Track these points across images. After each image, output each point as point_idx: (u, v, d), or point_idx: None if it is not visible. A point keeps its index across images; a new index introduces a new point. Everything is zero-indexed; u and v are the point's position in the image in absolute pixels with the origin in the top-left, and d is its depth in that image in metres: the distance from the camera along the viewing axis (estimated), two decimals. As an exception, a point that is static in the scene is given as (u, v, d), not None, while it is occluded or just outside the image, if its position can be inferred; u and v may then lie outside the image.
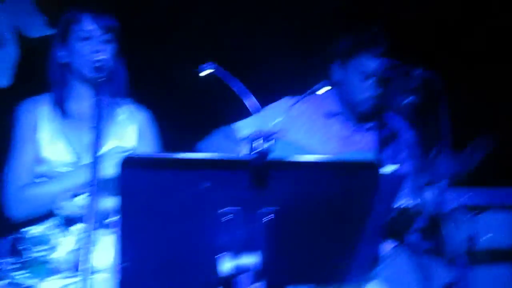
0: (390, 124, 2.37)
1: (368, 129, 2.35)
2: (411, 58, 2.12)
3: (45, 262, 1.99)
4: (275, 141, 1.36)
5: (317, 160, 1.38)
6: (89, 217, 1.56)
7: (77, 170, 1.95)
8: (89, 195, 1.60)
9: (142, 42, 2.14)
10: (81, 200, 1.91)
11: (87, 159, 1.97)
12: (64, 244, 1.99)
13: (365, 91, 2.24)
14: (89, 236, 1.54)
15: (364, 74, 2.22)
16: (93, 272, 1.92)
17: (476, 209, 2.28)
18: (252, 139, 1.29)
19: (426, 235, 2.42)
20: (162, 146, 2.13)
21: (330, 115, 2.33)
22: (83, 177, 1.86)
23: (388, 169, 1.39)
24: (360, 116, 2.32)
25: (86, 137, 1.99)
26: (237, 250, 1.37)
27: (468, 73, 3.07)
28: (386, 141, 2.34)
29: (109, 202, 1.92)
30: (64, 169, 1.99)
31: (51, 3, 2.13)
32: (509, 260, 2.63)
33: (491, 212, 2.60)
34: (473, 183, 2.14)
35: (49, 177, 2.00)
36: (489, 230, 2.63)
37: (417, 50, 2.37)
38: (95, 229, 1.61)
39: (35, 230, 2.01)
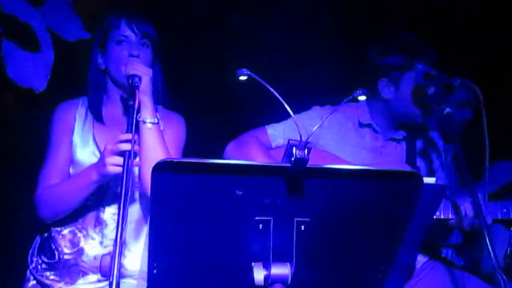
0: (423, 135, 2.28)
1: (400, 140, 2.25)
2: (450, 69, 2.04)
3: (74, 264, 1.95)
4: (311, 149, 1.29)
5: (357, 168, 1.31)
6: (120, 223, 1.51)
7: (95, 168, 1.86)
8: (120, 202, 1.54)
9: (175, 50, 2.11)
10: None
11: None
12: (93, 247, 1.95)
13: (415, 105, 2.15)
14: (119, 240, 1.48)
15: (416, 87, 2.13)
16: (122, 277, 1.89)
17: (514, 224, 2.16)
18: (290, 146, 1.22)
19: (462, 249, 2.33)
20: (194, 150, 2.07)
21: (362, 125, 2.25)
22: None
23: (430, 180, 1.31)
24: (399, 126, 2.22)
25: None
26: (269, 259, 1.31)
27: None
28: (418, 151, 2.25)
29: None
30: None
31: (88, 7, 2.11)
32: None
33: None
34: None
35: None
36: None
37: (457, 62, 2.27)
38: (124, 233, 1.56)
39: (65, 231, 1.98)
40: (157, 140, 1.87)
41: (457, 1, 2.97)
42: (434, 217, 1.93)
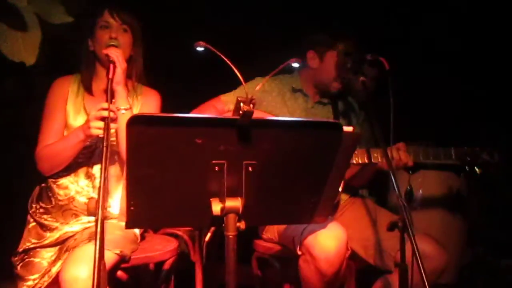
0: (344, 99, 2.31)
1: (326, 103, 2.28)
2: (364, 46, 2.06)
3: (68, 208, 1.90)
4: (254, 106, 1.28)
5: (292, 120, 1.31)
6: (104, 171, 1.47)
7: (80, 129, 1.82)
8: (103, 154, 1.50)
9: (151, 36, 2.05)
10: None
11: None
12: (83, 196, 1.91)
13: (336, 78, 2.16)
14: (103, 187, 1.45)
15: (338, 63, 2.14)
16: (106, 219, 1.86)
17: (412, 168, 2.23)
18: (238, 102, 1.20)
19: (374, 188, 2.40)
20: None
21: (295, 90, 2.25)
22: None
23: (348, 128, 1.33)
24: (324, 93, 2.24)
25: None
26: (224, 195, 1.30)
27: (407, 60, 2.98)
28: (340, 112, 2.28)
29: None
30: None
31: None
32: (437, 204, 2.64)
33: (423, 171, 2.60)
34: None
35: None
36: (422, 184, 2.64)
37: (368, 40, 2.27)
38: (107, 183, 1.51)
39: (60, 182, 1.93)
40: None
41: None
42: (360, 162, 1.98)
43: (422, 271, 1.41)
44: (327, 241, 1.70)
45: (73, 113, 1.94)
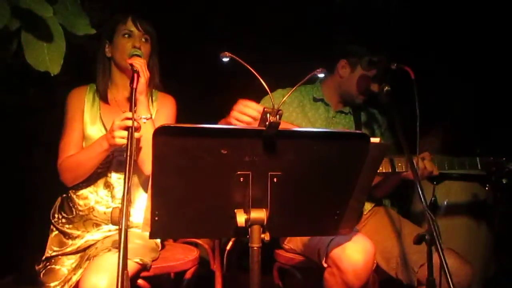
0: (365, 109, 2.28)
1: (347, 113, 2.25)
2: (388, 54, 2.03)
3: (88, 218, 1.91)
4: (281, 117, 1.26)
5: (318, 131, 1.29)
6: (127, 181, 1.47)
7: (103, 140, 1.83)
8: (126, 165, 1.50)
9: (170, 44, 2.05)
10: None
11: None
12: (103, 205, 1.91)
13: (358, 88, 2.13)
14: (126, 196, 1.45)
15: (367, 76, 2.10)
16: (128, 228, 1.86)
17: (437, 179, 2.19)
18: (265, 113, 1.19)
19: (397, 198, 2.36)
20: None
21: (316, 99, 2.22)
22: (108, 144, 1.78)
23: (376, 139, 1.31)
24: (346, 103, 2.21)
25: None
26: (249, 206, 1.29)
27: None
28: (362, 121, 2.25)
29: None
30: None
31: (94, 8, 2.02)
32: (462, 215, 2.57)
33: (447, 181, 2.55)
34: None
35: None
36: (447, 194, 2.58)
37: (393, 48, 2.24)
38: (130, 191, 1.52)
39: (79, 192, 1.94)
40: (151, 131, 1.84)
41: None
42: (384, 171, 1.94)
43: (452, 285, 1.37)
44: (355, 254, 1.66)
45: (89, 124, 1.94)
